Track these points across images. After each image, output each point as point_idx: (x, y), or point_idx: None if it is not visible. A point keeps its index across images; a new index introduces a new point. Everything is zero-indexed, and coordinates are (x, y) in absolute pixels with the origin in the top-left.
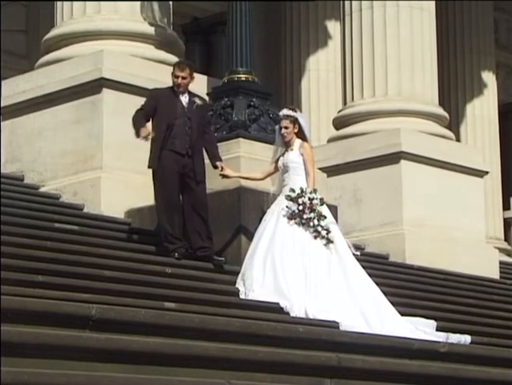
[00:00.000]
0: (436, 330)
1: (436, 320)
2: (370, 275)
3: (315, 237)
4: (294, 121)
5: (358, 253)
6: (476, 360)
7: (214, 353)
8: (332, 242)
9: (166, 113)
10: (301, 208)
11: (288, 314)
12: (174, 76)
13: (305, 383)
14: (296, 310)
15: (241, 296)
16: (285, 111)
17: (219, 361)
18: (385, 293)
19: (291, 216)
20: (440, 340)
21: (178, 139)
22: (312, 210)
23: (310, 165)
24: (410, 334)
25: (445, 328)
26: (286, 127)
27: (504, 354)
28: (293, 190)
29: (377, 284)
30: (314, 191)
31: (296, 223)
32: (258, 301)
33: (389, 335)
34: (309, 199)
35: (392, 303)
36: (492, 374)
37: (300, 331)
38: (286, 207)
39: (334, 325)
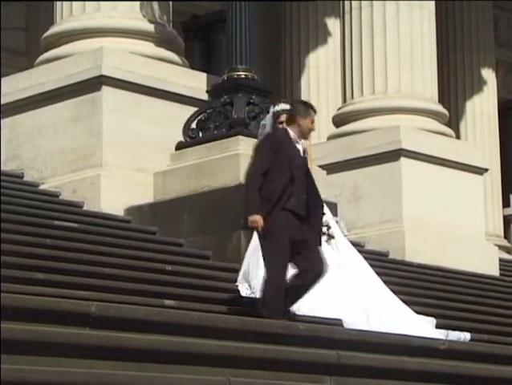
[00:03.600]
0: (436, 327)
1: (435, 317)
2: None
3: None
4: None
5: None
6: (476, 357)
7: (214, 350)
8: (333, 238)
9: (288, 163)
10: None
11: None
12: (311, 121)
13: (304, 380)
14: (304, 310)
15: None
16: (283, 106)
17: (219, 358)
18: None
19: None
20: (440, 337)
21: (296, 196)
22: None
23: (309, 161)
24: (415, 331)
25: (445, 325)
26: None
27: (504, 352)
28: None
29: None
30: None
31: None
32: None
33: (389, 332)
34: None
35: None
36: (492, 372)
37: (300, 329)
38: None
39: (337, 322)
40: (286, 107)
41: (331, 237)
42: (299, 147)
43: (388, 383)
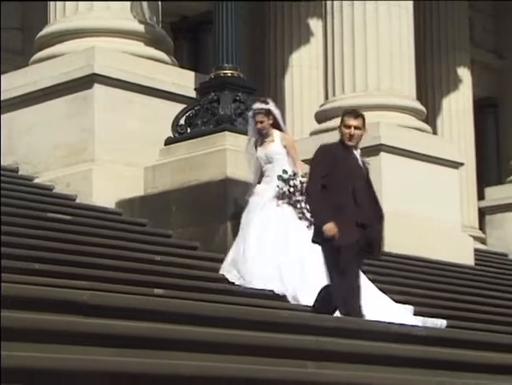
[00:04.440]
0: (414, 314)
1: (413, 305)
2: None
3: (300, 218)
4: (268, 113)
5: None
6: (451, 343)
7: (203, 337)
8: None
9: (346, 174)
10: (292, 190)
11: (275, 299)
12: (345, 126)
13: (288, 366)
14: (289, 295)
15: (236, 283)
16: (257, 105)
17: (207, 345)
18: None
19: (281, 197)
20: (418, 324)
21: (361, 207)
22: (302, 193)
23: (295, 153)
24: (393, 318)
25: (422, 313)
26: (261, 122)
27: (479, 338)
28: (285, 171)
29: None
30: (306, 175)
31: (285, 203)
32: (244, 287)
33: (369, 319)
34: (300, 182)
35: None
36: (466, 357)
37: (285, 316)
38: (277, 186)
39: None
40: (262, 106)
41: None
42: (357, 155)
43: (367, 368)
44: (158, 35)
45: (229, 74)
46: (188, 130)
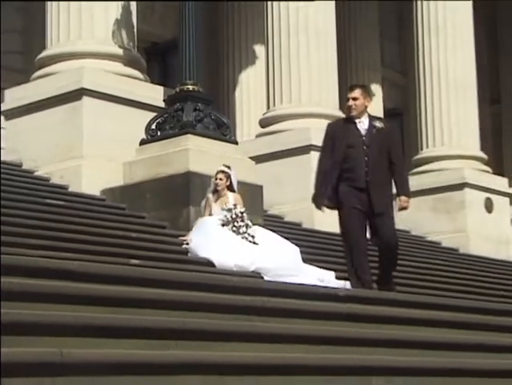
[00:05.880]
0: (336, 278)
1: (336, 271)
2: (288, 239)
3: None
4: (228, 177)
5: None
6: (366, 301)
7: (170, 298)
8: (258, 244)
9: (341, 144)
10: (234, 216)
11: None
12: (346, 100)
13: (237, 320)
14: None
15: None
16: (222, 167)
17: (173, 304)
18: (300, 252)
19: (226, 223)
20: (340, 287)
21: (354, 172)
22: (242, 220)
23: (241, 203)
24: (320, 282)
25: (343, 277)
26: (220, 179)
27: (392, 297)
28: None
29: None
30: (243, 207)
31: (229, 229)
32: (201, 258)
33: (301, 283)
34: (240, 212)
35: (307, 259)
36: (371, 311)
37: (234, 281)
38: (224, 216)
39: (258, 276)
40: (225, 169)
41: (255, 244)
42: (360, 125)
43: (301, 322)
44: (134, 57)
45: (191, 89)
46: (159, 133)
